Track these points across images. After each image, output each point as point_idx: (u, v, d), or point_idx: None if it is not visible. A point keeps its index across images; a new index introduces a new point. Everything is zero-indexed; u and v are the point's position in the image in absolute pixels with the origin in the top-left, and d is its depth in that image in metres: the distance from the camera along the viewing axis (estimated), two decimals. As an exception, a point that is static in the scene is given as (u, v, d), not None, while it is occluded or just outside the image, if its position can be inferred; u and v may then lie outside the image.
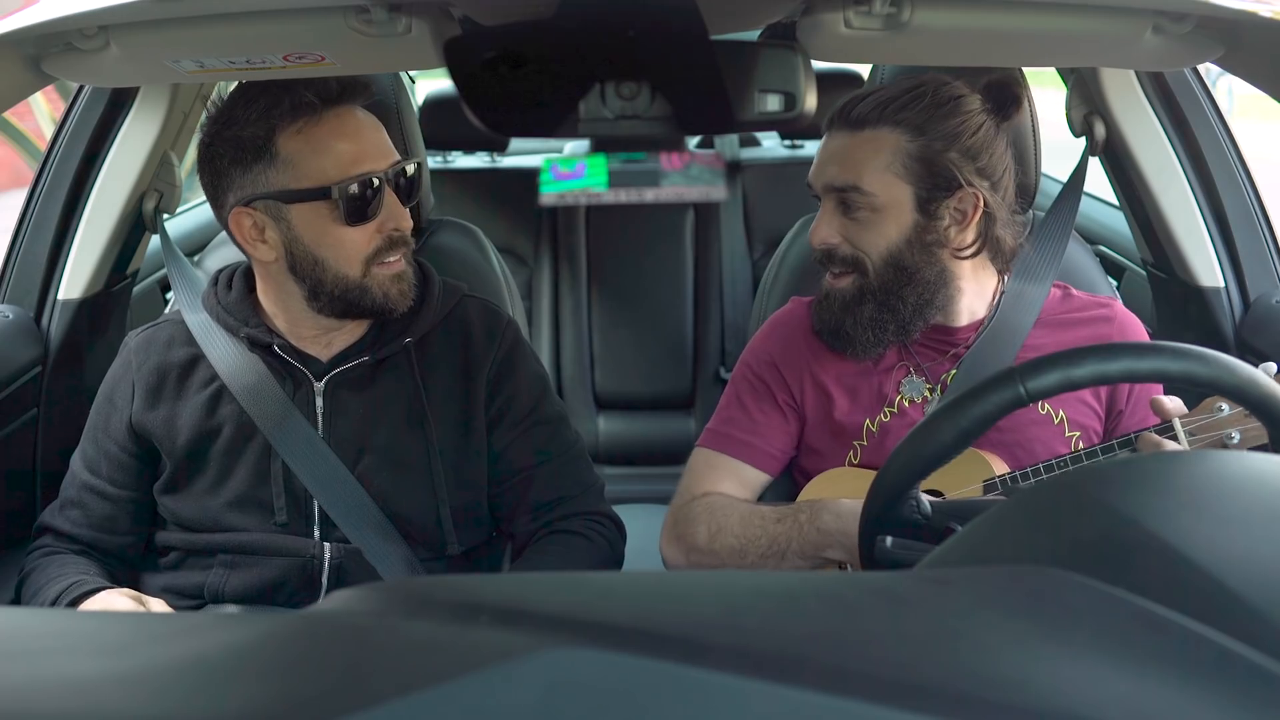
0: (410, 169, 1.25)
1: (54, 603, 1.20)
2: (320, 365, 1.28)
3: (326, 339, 1.29)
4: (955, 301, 1.30)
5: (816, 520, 1.22)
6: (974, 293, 1.32)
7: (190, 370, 1.28)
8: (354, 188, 1.19)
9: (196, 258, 1.73)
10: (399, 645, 0.39)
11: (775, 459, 1.35)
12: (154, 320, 1.38)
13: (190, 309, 1.32)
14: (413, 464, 1.26)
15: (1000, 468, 1.22)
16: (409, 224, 1.24)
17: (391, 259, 1.23)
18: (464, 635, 0.39)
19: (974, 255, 1.29)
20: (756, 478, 1.34)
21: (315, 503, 1.24)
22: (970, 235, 1.27)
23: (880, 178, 1.24)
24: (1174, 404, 1.12)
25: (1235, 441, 1.09)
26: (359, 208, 1.20)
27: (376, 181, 1.20)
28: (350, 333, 1.29)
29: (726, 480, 1.33)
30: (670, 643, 0.37)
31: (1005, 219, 1.28)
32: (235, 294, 1.30)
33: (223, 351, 1.26)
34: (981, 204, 1.25)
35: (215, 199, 1.25)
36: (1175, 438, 1.11)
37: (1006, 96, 1.28)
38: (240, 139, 1.19)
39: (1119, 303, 1.35)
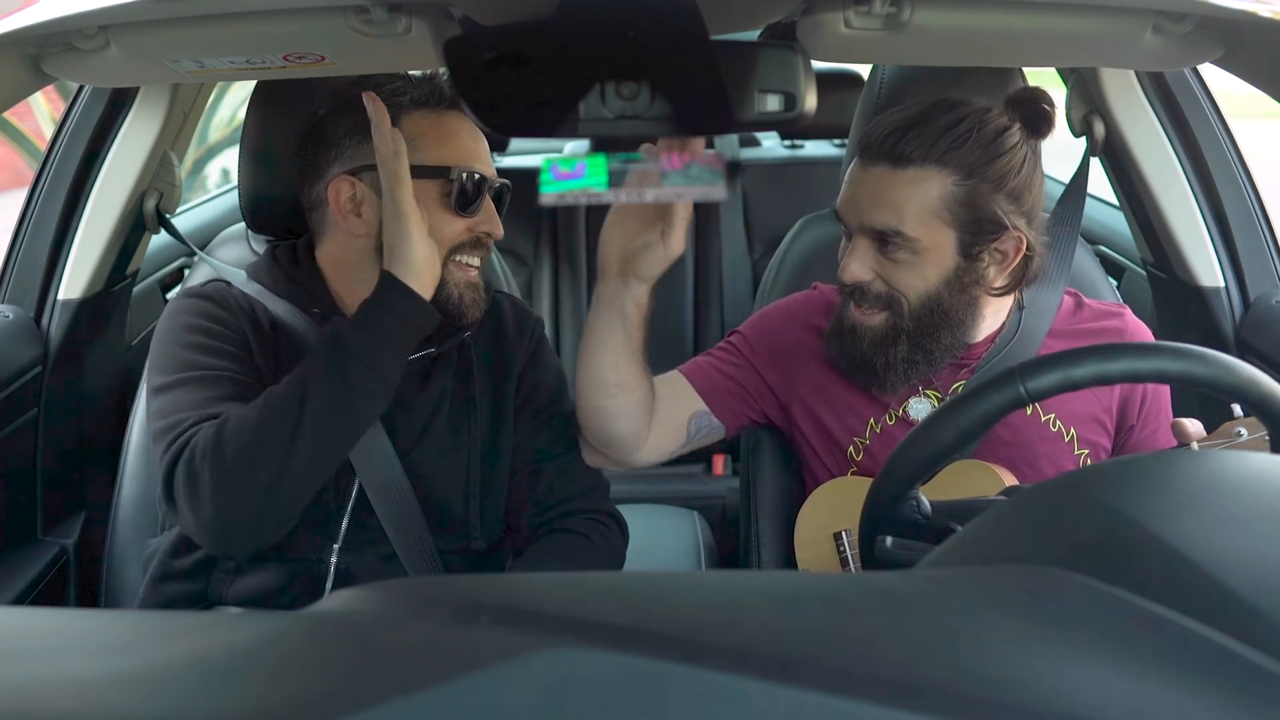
0: (502, 186, 1.30)
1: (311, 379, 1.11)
2: None
3: None
4: (977, 325, 1.28)
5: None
6: (993, 313, 1.30)
7: (275, 331, 1.26)
8: (472, 179, 1.24)
9: (196, 259, 1.73)
10: (399, 645, 0.39)
11: (728, 406, 1.34)
12: (185, 297, 1.32)
13: (239, 284, 1.30)
14: (455, 456, 1.28)
15: (1011, 482, 1.21)
16: (500, 232, 1.28)
17: (471, 261, 1.26)
18: (464, 635, 0.39)
19: (1008, 293, 1.27)
20: (705, 423, 1.33)
21: (355, 485, 1.24)
22: (1006, 276, 1.24)
23: (924, 222, 1.18)
24: (1194, 427, 1.10)
25: None
26: (468, 198, 1.24)
27: (484, 183, 1.25)
28: None
29: (662, 384, 1.31)
30: (670, 643, 0.37)
31: (1040, 252, 1.25)
32: (306, 271, 1.30)
33: (296, 324, 1.26)
34: (1024, 246, 1.22)
35: (315, 169, 1.27)
36: None
37: (1038, 113, 1.23)
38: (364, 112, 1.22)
39: (1129, 312, 1.34)
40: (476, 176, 1.24)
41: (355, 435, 1.16)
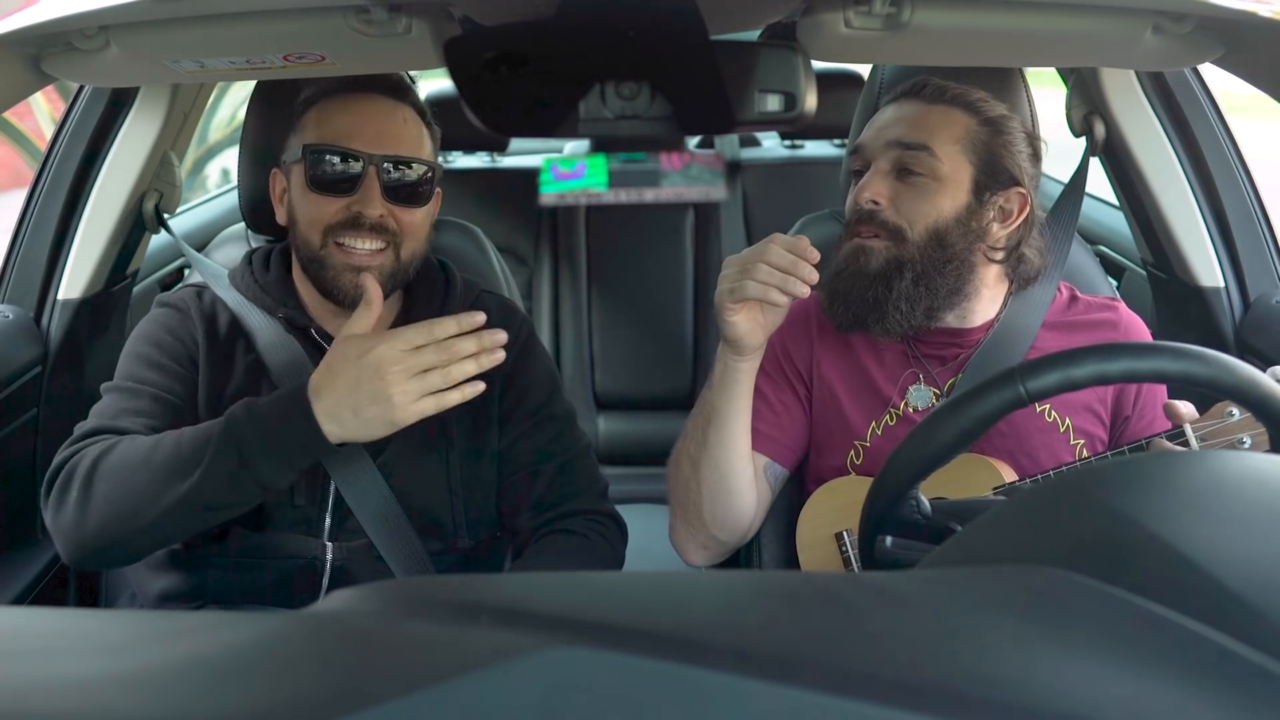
0: (414, 170, 1.25)
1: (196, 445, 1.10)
2: None
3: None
4: (971, 301, 1.30)
5: (719, 364, 1.25)
6: (989, 298, 1.32)
7: (233, 340, 1.28)
8: (326, 156, 1.22)
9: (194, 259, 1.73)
10: (399, 645, 0.39)
11: (793, 452, 1.35)
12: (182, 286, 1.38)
13: (219, 289, 1.32)
14: (431, 456, 1.28)
15: (1009, 475, 1.21)
16: (374, 212, 1.22)
17: (352, 244, 1.23)
18: (464, 635, 0.39)
19: (1003, 261, 1.29)
20: (763, 462, 1.33)
21: (332, 488, 1.24)
22: (1006, 237, 1.28)
23: (949, 149, 1.25)
24: (1186, 409, 1.11)
25: (1246, 446, 1.08)
26: (322, 176, 1.23)
27: (356, 161, 1.22)
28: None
29: None
30: (670, 643, 0.37)
31: (1034, 238, 1.31)
32: (274, 274, 1.32)
33: (262, 328, 1.27)
34: (1028, 207, 1.28)
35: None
36: (1186, 443, 1.10)
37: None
38: (294, 111, 1.30)
39: (1123, 305, 1.35)
40: (332, 154, 1.22)
41: (216, 521, 1.16)
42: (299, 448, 1.10)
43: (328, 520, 1.24)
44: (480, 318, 1.09)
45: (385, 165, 1.23)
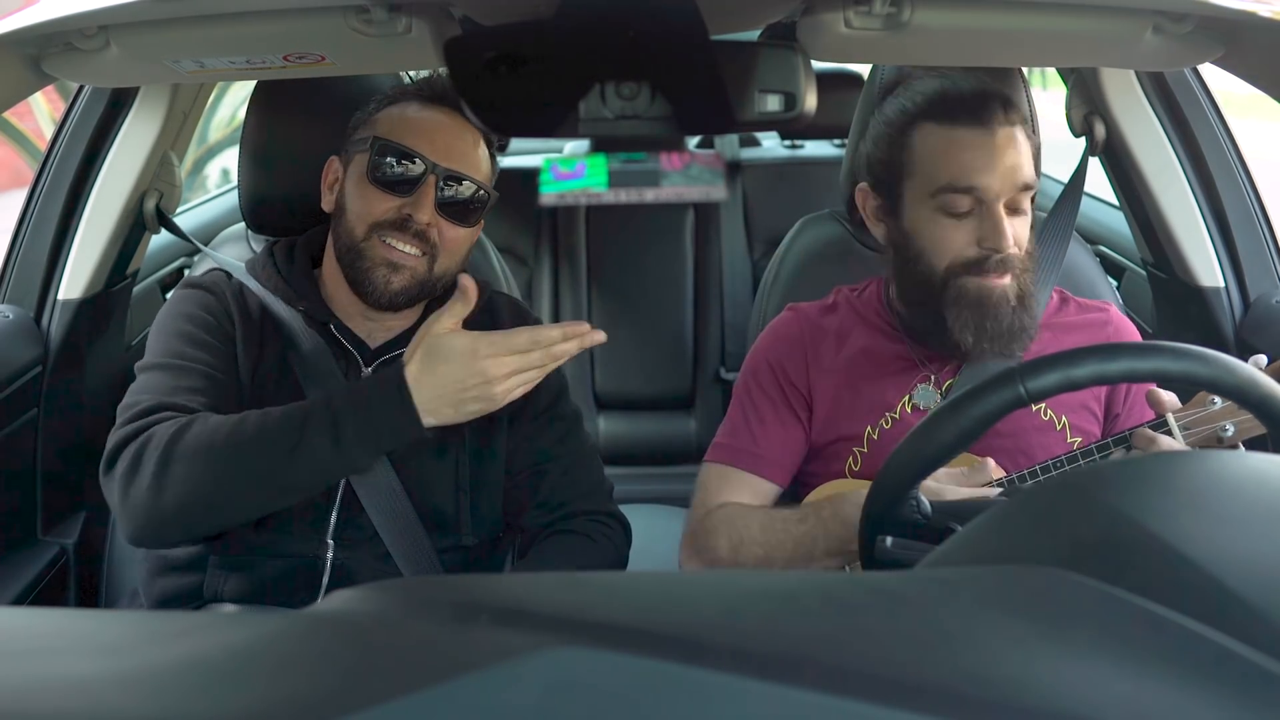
0: (469, 189, 1.27)
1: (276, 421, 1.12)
2: (369, 351, 1.31)
3: (375, 320, 1.31)
4: None
5: (840, 513, 1.19)
6: None
7: (264, 325, 1.29)
8: (390, 153, 1.25)
9: (196, 258, 1.73)
10: (399, 645, 0.39)
11: (785, 469, 1.35)
12: (199, 281, 1.37)
13: (242, 278, 1.33)
14: (442, 453, 1.28)
15: (999, 472, 1.21)
16: (424, 219, 1.25)
17: (396, 242, 1.25)
18: (464, 635, 0.39)
19: None
20: (769, 490, 1.34)
21: (342, 483, 1.24)
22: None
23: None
24: (1169, 398, 1.13)
25: (1229, 434, 1.10)
26: (384, 172, 1.25)
27: (420, 165, 1.24)
28: (397, 322, 1.32)
29: (741, 493, 1.33)
30: (670, 643, 0.37)
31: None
32: (298, 267, 1.33)
33: (286, 318, 1.29)
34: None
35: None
36: (1170, 432, 1.12)
37: None
38: (373, 105, 1.32)
39: (1114, 307, 1.35)
40: (396, 154, 1.24)
41: (290, 503, 1.17)
42: (392, 433, 1.13)
43: (334, 516, 1.24)
44: (584, 327, 1.13)
45: (445, 178, 1.25)
